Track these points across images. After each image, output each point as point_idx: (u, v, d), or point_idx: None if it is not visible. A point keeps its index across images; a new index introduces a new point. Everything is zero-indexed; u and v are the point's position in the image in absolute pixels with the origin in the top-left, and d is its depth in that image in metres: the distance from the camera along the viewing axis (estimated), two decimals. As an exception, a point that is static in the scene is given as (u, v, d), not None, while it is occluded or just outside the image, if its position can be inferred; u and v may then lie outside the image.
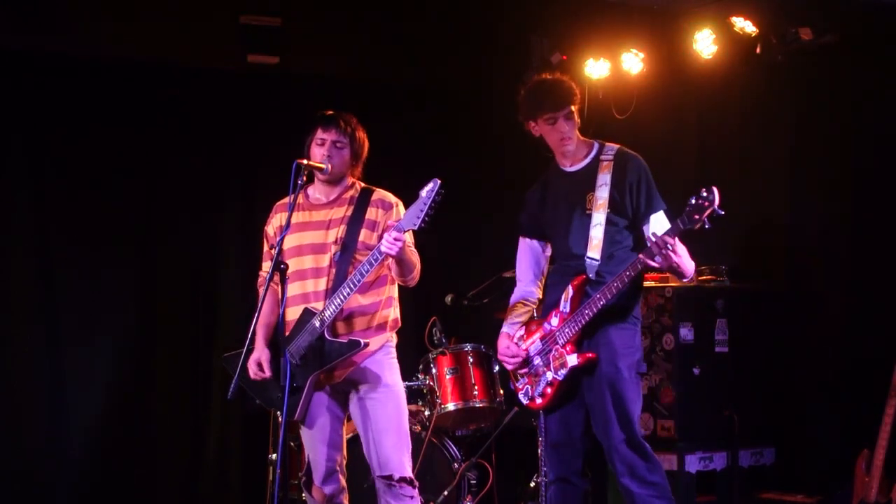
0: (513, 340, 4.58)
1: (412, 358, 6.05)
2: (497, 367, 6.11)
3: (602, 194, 4.36)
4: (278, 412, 4.64)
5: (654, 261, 4.11)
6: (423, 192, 4.20)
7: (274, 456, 5.71)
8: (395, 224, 4.29)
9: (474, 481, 6.04)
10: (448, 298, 6.41)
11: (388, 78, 6.89)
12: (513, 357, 4.54)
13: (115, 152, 6.54)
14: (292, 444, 5.69)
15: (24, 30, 5.95)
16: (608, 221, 4.34)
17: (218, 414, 6.73)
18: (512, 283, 6.22)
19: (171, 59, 6.39)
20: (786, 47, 5.90)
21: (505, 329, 4.65)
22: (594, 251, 4.33)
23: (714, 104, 6.54)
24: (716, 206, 3.95)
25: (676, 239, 4.08)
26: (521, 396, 4.55)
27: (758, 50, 5.93)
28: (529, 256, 4.66)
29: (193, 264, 6.77)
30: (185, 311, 6.75)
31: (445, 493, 5.84)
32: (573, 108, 4.41)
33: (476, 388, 5.96)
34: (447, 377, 5.95)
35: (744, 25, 5.87)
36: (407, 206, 4.33)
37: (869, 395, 5.41)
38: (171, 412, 6.69)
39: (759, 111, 6.37)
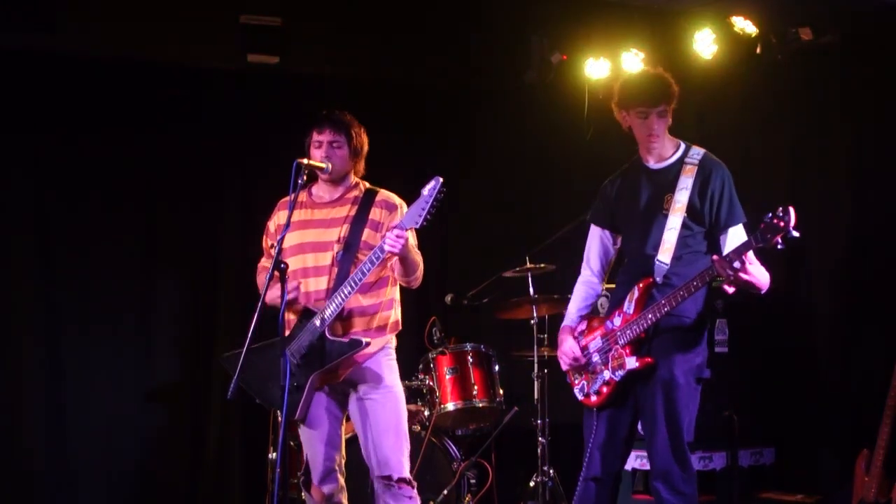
0: (574, 334, 4.51)
1: (412, 358, 6.06)
2: (497, 367, 6.11)
3: (681, 198, 4.27)
4: (278, 411, 4.63)
5: (724, 276, 4.02)
6: (425, 191, 4.20)
7: (274, 455, 5.72)
8: (397, 222, 4.30)
9: (474, 481, 6.05)
10: (448, 298, 6.42)
11: (388, 78, 6.89)
12: (573, 360, 4.46)
13: (115, 152, 6.55)
14: (292, 443, 5.69)
15: (23, 30, 5.94)
16: (683, 226, 4.26)
17: (218, 414, 6.73)
18: (512, 282, 6.26)
19: (171, 59, 6.39)
20: (786, 47, 5.91)
21: (566, 322, 4.57)
22: (665, 254, 4.25)
23: (714, 104, 6.54)
24: (791, 228, 3.87)
25: (747, 255, 4.00)
26: (576, 391, 4.48)
27: (758, 50, 5.93)
28: (598, 246, 4.58)
29: (193, 264, 6.78)
30: (184, 310, 6.75)
31: (445, 492, 5.84)
32: (668, 106, 4.33)
33: (476, 387, 5.97)
34: (447, 377, 5.96)
35: (744, 25, 5.87)
36: (409, 205, 4.34)
37: (869, 395, 5.41)
38: (171, 412, 6.70)
39: (759, 111, 6.37)
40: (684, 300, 4.15)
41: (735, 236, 4.25)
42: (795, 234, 3.88)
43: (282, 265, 4.23)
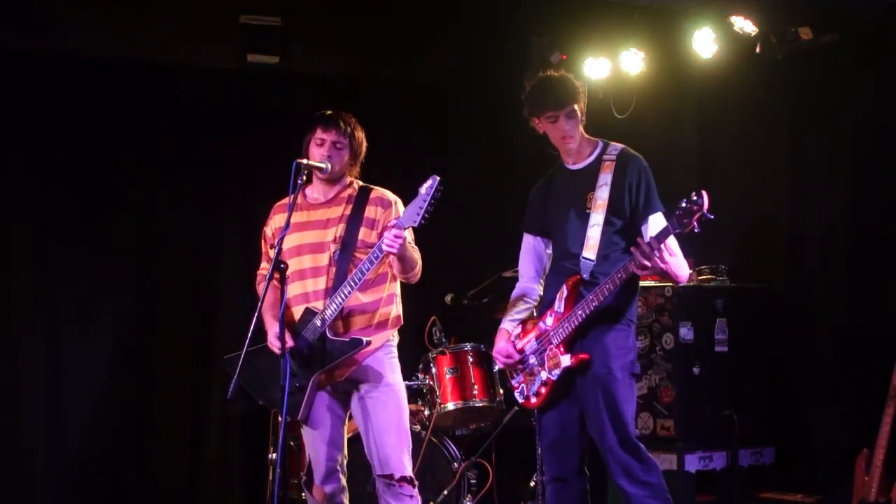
0: (510, 338, 4.57)
1: (412, 358, 6.05)
2: (497, 367, 6.11)
3: (602, 194, 4.34)
4: (278, 412, 4.63)
5: (642, 265, 4.08)
6: (423, 189, 4.21)
7: (274, 456, 5.72)
8: (395, 221, 4.30)
9: (474, 481, 6.05)
10: (448, 298, 6.42)
11: (388, 78, 6.89)
12: (506, 357, 4.54)
13: (115, 152, 6.54)
14: (292, 443, 5.69)
15: (23, 30, 5.94)
16: (606, 222, 4.32)
17: (218, 414, 6.73)
18: (512, 282, 6.25)
19: (171, 59, 6.39)
20: (786, 47, 5.91)
21: (504, 325, 4.64)
22: (590, 251, 4.31)
23: (714, 104, 6.55)
24: (704, 210, 3.93)
25: (666, 243, 4.07)
26: (516, 395, 4.54)
27: (758, 50, 5.93)
28: (532, 253, 4.64)
29: (193, 264, 6.77)
30: (184, 310, 6.75)
31: (445, 492, 5.84)
32: (576, 106, 4.38)
33: (476, 387, 5.97)
34: (447, 377, 5.96)
35: (744, 25, 5.87)
36: (406, 204, 4.34)
37: (869, 395, 5.41)
38: (171, 412, 6.69)
39: (759, 111, 6.37)
40: (612, 293, 4.20)
41: (655, 223, 4.29)
42: (710, 216, 3.94)
43: (282, 265, 4.24)
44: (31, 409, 6.37)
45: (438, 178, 4.20)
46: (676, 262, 4.19)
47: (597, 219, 4.32)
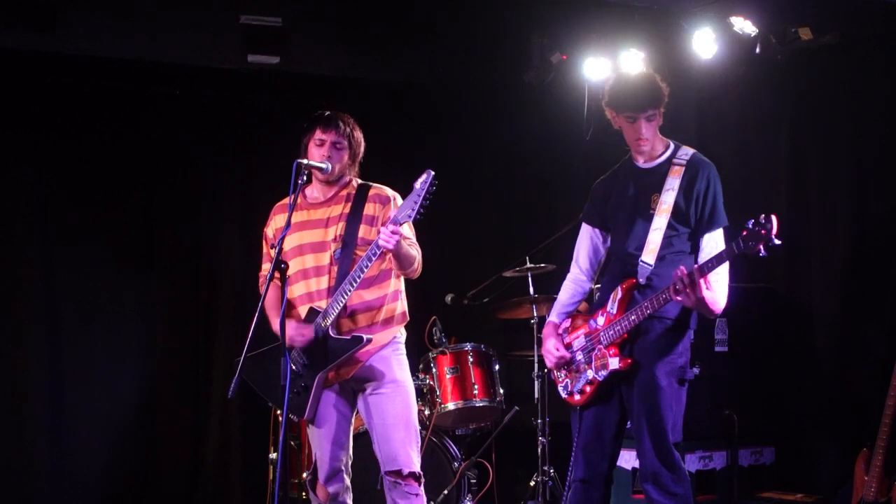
0: (559, 331, 4.52)
1: (412, 357, 6.03)
2: (497, 367, 6.11)
3: (667, 199, 4.26)
4: (290, 414, 4.63)
5: (677, 292, 4.02)
6: (417, 184, 4.22)
7: (274, 455, 5.72)
8: (391, 217, 4.31)
9: (474, 480, 6.05)
10: (448, 298, 6.42)
11: (388, 78, 6.89)
12: (558, 358, 4.46)
13: (115, 151, 6.55)
14: (292, 443, 5.70)
15: (23, 30, 5.94)
16: (669, 227, 4.25)
17: (218, 414, 6.73)
18: (512, 282, 6.26)
19: (171, 58, 6.39)
20: (786, 47, 5.90)
21: (552, 318, 4.58)
22: (649, 255, 4.24)
23: (714, 104, 6.54)
24: (773, 236, 3.83)
25: (707, 278, 3.98)
26: (560, 389, 4.48)
27: (758, 50, 5.93)
28: (588, 244, 4.59)
29: (193, 264, 6.78)
30: (185, 310, 6.75)
31: (445, 492, 5.84)
32: (657, 110, 4.31)
33: (476, 387, 5.97)
34: (447, 376, 5.96)
35: (744, 26, 5.86)
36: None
37: (868, 395, 5.41)
38: (171, 412, 6.70)
39: (759, 111, 6.37)
40: (665, 303, 4.15)
41: (712, 241, 4.25)
42: (777, 241, 3.84)
43: (282, 265, 4.24)
44: (31, 409, 6.38)
45: (433, 173, 4.21)
46: (713, 295, 4.07)
47: (659, 223, 4.25)
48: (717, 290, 4.09)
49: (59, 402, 6.42)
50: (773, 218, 3.84)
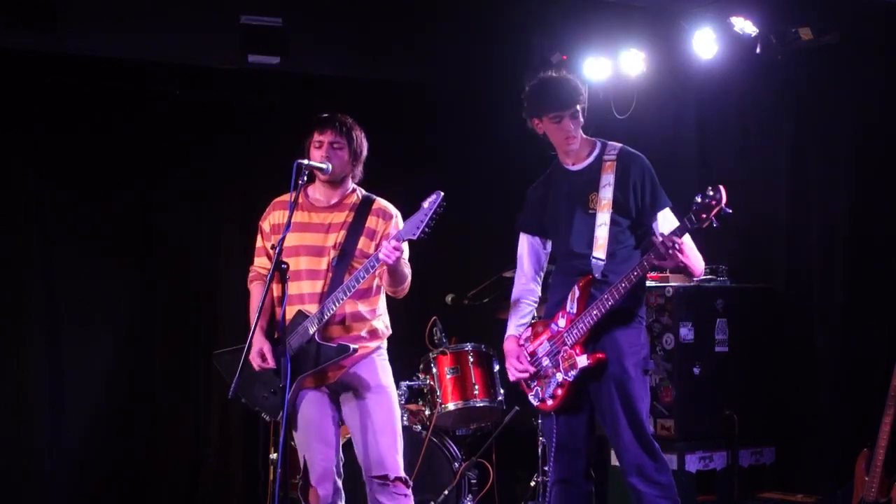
0: (520, 342, 4.55)
1: (412, 358, 6.06)
2: (497, 367, 6.11)
3: (606, 194, 4.34)
4: (262, 413, 4.64)
5: (661, 260, 4.11)
6: (426, 204, 4.22)
7: (274, 455, 5.72)
8: (395, 233, 4.31)
9: (475, 481, 6.05)
10: (448, 298, 6.42)
11: (388, 78, 6.89)
12: (522, 371, 4.50)
13: (115, 152, 6.55)
14: (292, 443, 5.69)
15: (23, 30, 5.95)
16: (612, 222, 4.33)
17: (218, 414, 6.73)
18: (511, 282, 6.25)
19: (171, 58, 6.39)
20: (786, 47, 5.90)
21: (511, 332, 4.62)
22: (599, 251, 4.32)
23: (714, 104, 6.54)
24: (723, 205, 3.94)
25: (684, 237, 4.09)
26: (531, 398, 4.52)
27: (758, 50, 5.93)
28: (530, 253, 4.64)
29: (193, 264, 6.78)
30: (185, 310, 6.76)
31: (446, 492, 5.84)
32: (579, 107, 4.39)
33: (476, 387, 5.97)
34: (447, 377, 5.96)
35: (744, 25, 5.86)
36: (406, 215, 4.35)
37: (869, 395, 5.41)
38: (171, 411, 6.70)
39: (759, 111, 6.37)
40: (627, 291, 4.21)
41: (665, 220, 4.32)
42: (728, 210, 3.96)
43: (283, 265, 4.24)
44: (32, 409, 6.38)
45: (442, 194, 4.22)
46: (693, 255, 4.22)
47: (603, 218, 4.33)
48: (691, 254, 4.21)
49: (59, 402, 6.42)
50: (721, 188, 3.96)
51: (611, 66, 6.68)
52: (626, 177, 4.36)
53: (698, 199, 3.98)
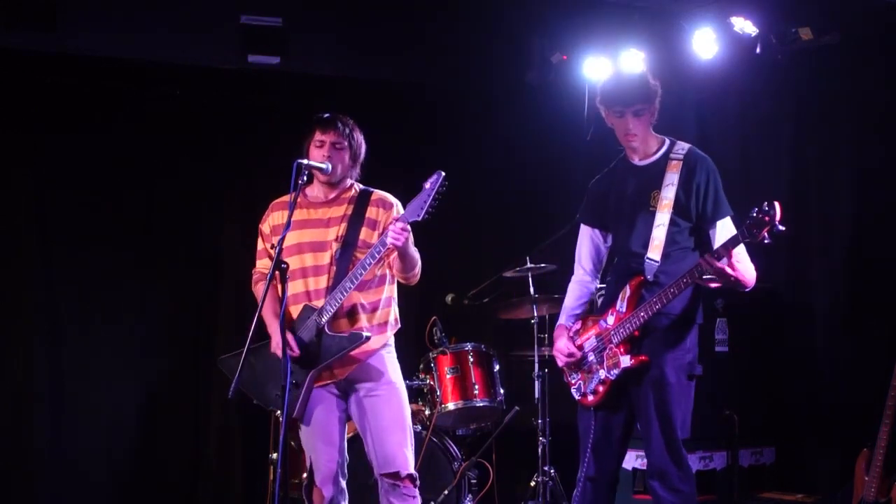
0: (569, 334, 4.53)
1: (412, 358, 6.06)
2: (497, 367, 6.11)
3: (668, 194, 4.29)
4: (277, 411, 4.63)
5: (711, 274, 4.06)
6: (427, 184, 4.23)
7: (274, 456, 5.72)
8: (400, 215, 4.31)
9: (475, 480, 6.05)
10: (448, 298, 6.42)
11: (388, 78, 6.89)
12: (568, 356, 4.47)
13: (115, 152, 6.55)
14: (293, 443, 5.69)
15: (24, 29, 5.95)
16: (671, 222, 4.27)
17: (218, 414, 6.73)
18: (512, 282, 6.26)
19: (171, 59, 6.39)
20: (786, 47, 5.90)
21: (562, 321, 4.59)
22: (654, 252, 4.27)
23: (714, 104, 6.54)
24: (776, 222, 3.89)
25: (739, 249, 4.03)
26: (573, 391, 4.50)
27: (758, 50, 5.93)
28: (589, 245, 4.60)
29: (193, 264, 6.78)
30: (185, 310, 6.75)
31: (446, 492, 5.84)
32: (645, 105, 4.34)
33: (477, 387, 5.97)
34: (448, 377, 5.96)
35: (744, 25, 5.86)
36: (407, 205, 4.35)
37: (869, 395, 5.41)
38: (171, 412, 6.70)
39: (759, 111, 6.37)
40: (675, 297, 4.17)
41: (724, 229, 4.27)
42: (781, 228, 3.92)
43: (283, 265, 4.24)
44: (31, 409, 6.37)
45: (443, 174, 4.23)
46: (744, 268, 4.14)
47: (662, 219, 4.28)
48: (742, 267, 4.13)
49: (59, 402, 6.42)
50: (776, 205, 3.91)
51: (611, 66, 6.68)
52: (690, 178, 4.30)
53: (753, 214, 3.92)
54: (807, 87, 6.09)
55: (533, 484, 6.01)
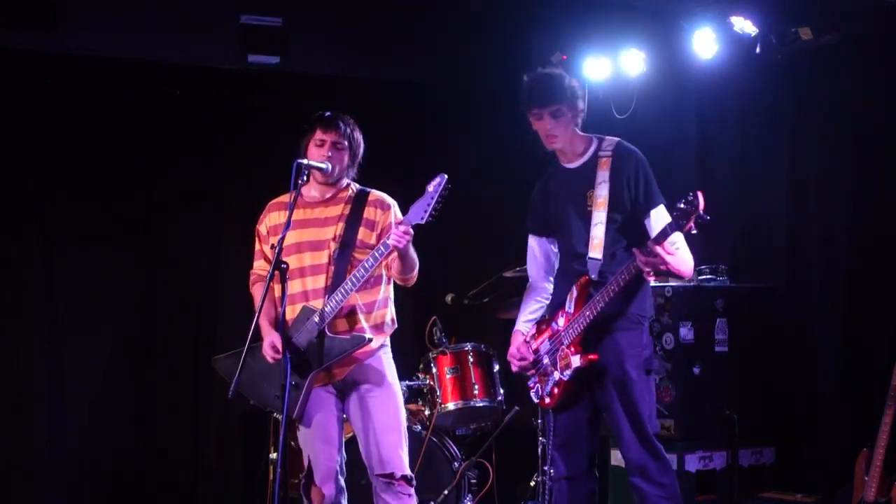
0: (525, 339, 4.56)
1: (412, 358, 6.06)
2: (497, 367, 6.11)
3: (602, 192, 4.33)
4: (274, 412, 4.64)
5: (645, 269, 4.11)
6: (430, 187, 4.24)
7: (274, 455, 5.72)
8: (403, 218, 4.31)
9: (474, 480, 6.04)
10: (448, 298, 6.42)
11: (388, 78, 6.90)
12: (520, 360, 4.53)
13: (115, 152, 6.56)
14: (292, 443, 5.69)
15: (24, 30, 5.95)
16: (609, 220, 4.31)
17: (218, 414, 6.73)
18: (512, 282, 6.25)
19: (171, 58, 6.39)
20: (786, 47, 5.90)
21: (518, 327, 4.63)
22: (595, 251, 4.31)
23: (714, 104, 6.54)
24: (700, 212, 3.92)
25: (678, 238, 4.09)
26: (532, 395, 4.55)
27: (758, 50, 5.93)
28: (539, 254, 4.63)
29: (193, 264, 6.78)
30: (184, 310, 6.76)
31: (446, 492, 5.84)
32: (562, 106, 4.35)
33: (476, 387, 5.97)
34: (447, 377, 5.96)
35: (744, 25, 5.86)
36: (405, 206, 4.35)
37: (869, 395, 5.41)
38: (171, 412, 6.70)
39: (759, 111, 6.36)
40: (616, 294, 4.20)
41: (658, 218, 4.28)
42: (706, 217, 3.94)
43: (282, 265, 4.24)
44: (31, 409, 6.37)
45: (446, 177, 4.24)
46: (678, 258, 4.19)
47: (599, 217, 4.31)
48: (679, 254, 4.18)
49: (58, 402, 6.42)
50: (699, 194, 3.93)
51: (611, 65, 6.68)
52: (619, 172, 4.33)
53: (679, 206, 3.96)
54: (807, 86, 6.08)
55: (533, 484, 6.01)
